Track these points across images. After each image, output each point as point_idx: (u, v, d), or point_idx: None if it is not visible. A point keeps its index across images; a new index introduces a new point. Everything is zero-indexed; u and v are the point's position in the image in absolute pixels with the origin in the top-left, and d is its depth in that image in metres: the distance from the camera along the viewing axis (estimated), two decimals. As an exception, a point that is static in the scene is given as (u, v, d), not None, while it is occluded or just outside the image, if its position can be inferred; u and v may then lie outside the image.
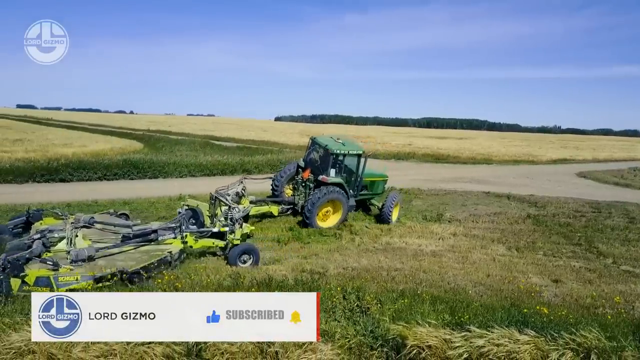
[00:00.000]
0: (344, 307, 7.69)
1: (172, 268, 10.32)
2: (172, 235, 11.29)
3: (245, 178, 16.72)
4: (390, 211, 16.12)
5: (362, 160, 16.23)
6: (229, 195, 14.10)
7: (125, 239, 10.95)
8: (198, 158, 29.70)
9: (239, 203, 15.28)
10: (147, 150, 35.87)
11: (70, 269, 9.04)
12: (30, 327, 6.14)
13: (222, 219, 12.24)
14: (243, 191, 15.63)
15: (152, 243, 11.03)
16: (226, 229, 11.85)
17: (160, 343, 6.18)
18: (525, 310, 7.62)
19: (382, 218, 16.28)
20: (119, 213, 13.60)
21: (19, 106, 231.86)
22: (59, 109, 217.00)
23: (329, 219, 15.69)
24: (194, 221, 13.59)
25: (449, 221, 16.71)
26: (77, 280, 8.74)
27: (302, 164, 17.09)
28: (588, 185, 29.83)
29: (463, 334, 6.62)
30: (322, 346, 6.51)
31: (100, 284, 8.77)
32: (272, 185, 17.68)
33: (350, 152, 16.14)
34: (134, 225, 11.86)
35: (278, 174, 17.83)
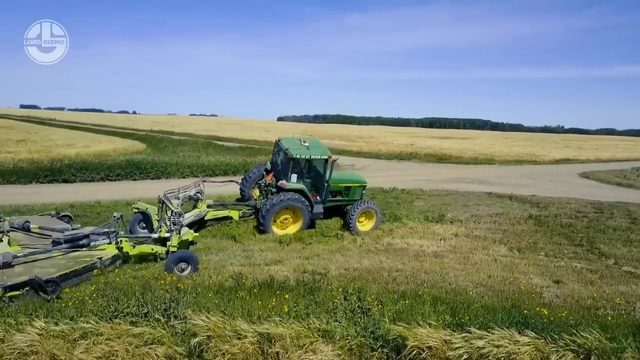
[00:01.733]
0: (345, 308, 7.73)
1: (104, 274, 9.79)
2: (107, 241, 10.75)
3: (204, 181, 16.44)
4: (352, 219, 14.95)
5: (329, 164, 15.25)
6: (178, 199, 13.69)
7: (56, 243, 10.43)
8: (200, 159, 29.72)
9: (195, 207, 15.16)
10: (149, 150, 35.90)
11: None
12: (34, 328, 6.22)
13: (168, 223, 11.69)
14: (199, 194, 15.22)
15: (85, 248, 10.50)
16: (167, 234, 11.35)
17: (162, 344, 6.23)
18: (525, 312, 7.65)
19: (347, 226, 15.16)
20: (60, 215, 13.19)
21: (22, 106, 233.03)
22: (62, 109, 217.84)
23: (288, 227, 14.81)
24: (144, 225, 13.43)
25: (450, 222, 16.70)
26: None
27: (269, 166, 16.72)
28: (590, 185, 29.75)
29: (463, 335, 6.67)
30: (322, 347, 6.57)
31: (9, 294, 8.07)
32: (239, 188, 17.61)
33: (313, 156, 15.06)
34: (73, 229, 11.46)
35: (245, 177, 17.68)
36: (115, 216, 11.51)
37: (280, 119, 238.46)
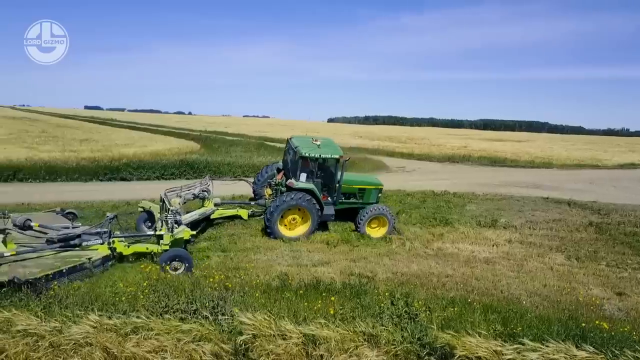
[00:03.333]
0: (391, 313, 7.60)
1: (93, 275, 9.77)
2: (99, 241, 10.65)
3: (211, 179, 16.30)
4: (361, 223, 14.62)
5: (341, 164, 14.70)
6: (180, 197, 13.58)
7: (50, 242, 10.40)
8: (252, 159, 30.19)
9: (202, 205, 15.13)
10: (203, 150, 36.73)
11: None
12: (89, 320, 6.48)
13: (167, 221, 11.61)
14: (205, 193, 15.16)
15: (77, 248, 10.45)
16: (162, 233, 11.27)
17: (209, 341, 6.33)
18: (583, 325, 7.27)
19: (356, 230, 14.88)
20: (65, 212, 13.16)
21: (86, 107, 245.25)
22: (122, 110, 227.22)
23: (296, 228, 14.33)
24: (150, 224, 13.53)
25: (504, 227, 16.14)
26: None
27: (281, 165, 16.53)
28: (658, 192, 27.97)
29: (515, 346, 6.39)
30: (367, 351, 6.48)
31: None
32: (252, 187, 17.51)
33: (323, 155, 14.55)
34: (74, 227, 11.52)
35: (257, 176, 17.56)
36: (108, 216, 11.36)
37: (330, 120, 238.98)
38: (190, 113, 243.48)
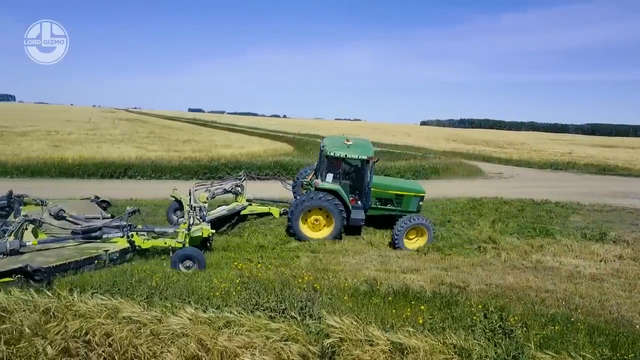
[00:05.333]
0: (484, 327, 7.21)
1: (106, 267, 10.08)
2: (119, 234, 10.89)
3: (247, 174, 16.46)
4: (398, 235, 13.57)
5: (370, 166, 13.98)
6: (209, 192, 13.68)
7: (74, 234, 10.83)
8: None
9: (235, 200, 15.35)
10: (296, 152, 37.64)
11: None
12: (186, 312, 6.85)
13: (186, 217, 11.78)
14: (238, 188, 15.15)
15: (99, 240, 10.80)
16: (182, 230, 11.29)
17: (297, 342, 6.41)
18: None
19: (393, 243, 13.84)
20: (99, 200, 13.67)
21: (190, 110, 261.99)
22: (222, 112, 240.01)
23: (321, 230, 13.97)
24: (180, 213, 13.86)
25: (614, 241, 14.73)
26: None
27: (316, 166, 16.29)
28: None
29: (626, 375, 5.78)
30: (458, 365, 6.19)
31: (0, 280, 8.54)
32: (291, 186, 17.52)
33: (349, 155, 14.03)
34: (104, 218, 12.12)
35: (297, 177, 17.46)
36: (127, 210, 11.62)
37: (423, 123, 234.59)
38: (285, 116, 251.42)
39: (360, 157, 14.11)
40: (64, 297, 7.25)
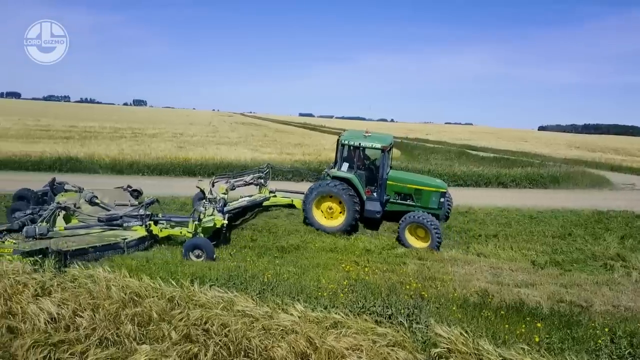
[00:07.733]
0: (611, 352, 6.61)
1: (125, 253, 10.61)
2: (139, 223, 11.47)
3: (271, 167, 16.76)
4: (400, 230, 13.45)
5: (386, 156, 14.18)
6: (229, 184, 14.07)
7: (100, 221, 11.56)
8: (452, 167, 29.36)
9: (259, 192, 15.82)
10: (404, 157, 37.10)
11: (13, 242, 9.73)
12: (296, 310, 7.09)
13: (203, 207, 12.03)
14: (261, 180, 15.40)
15: (120, 228, 11.47)
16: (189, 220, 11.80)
17: (403, 348, 6.35)
18: None
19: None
20: (132, 189, 14.29)
21: (300, 114, 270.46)
22: (331, 117, 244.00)
23: (334, 219, 14.27)
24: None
25: None
26: (9, 252, 9.26)
27: None
28: None
29: None
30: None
31: (26, 258, 8.91)
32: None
33: (363, 144, 14.24)
34: (132, 205, 12.78)
35: (327, 168, 16.86)
36: (146, 200, 12.32)
37: (541, 128, 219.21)
38: (392, 120, 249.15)
39: (374, 146, 14.28)
40: (187, 287, 7.88)
